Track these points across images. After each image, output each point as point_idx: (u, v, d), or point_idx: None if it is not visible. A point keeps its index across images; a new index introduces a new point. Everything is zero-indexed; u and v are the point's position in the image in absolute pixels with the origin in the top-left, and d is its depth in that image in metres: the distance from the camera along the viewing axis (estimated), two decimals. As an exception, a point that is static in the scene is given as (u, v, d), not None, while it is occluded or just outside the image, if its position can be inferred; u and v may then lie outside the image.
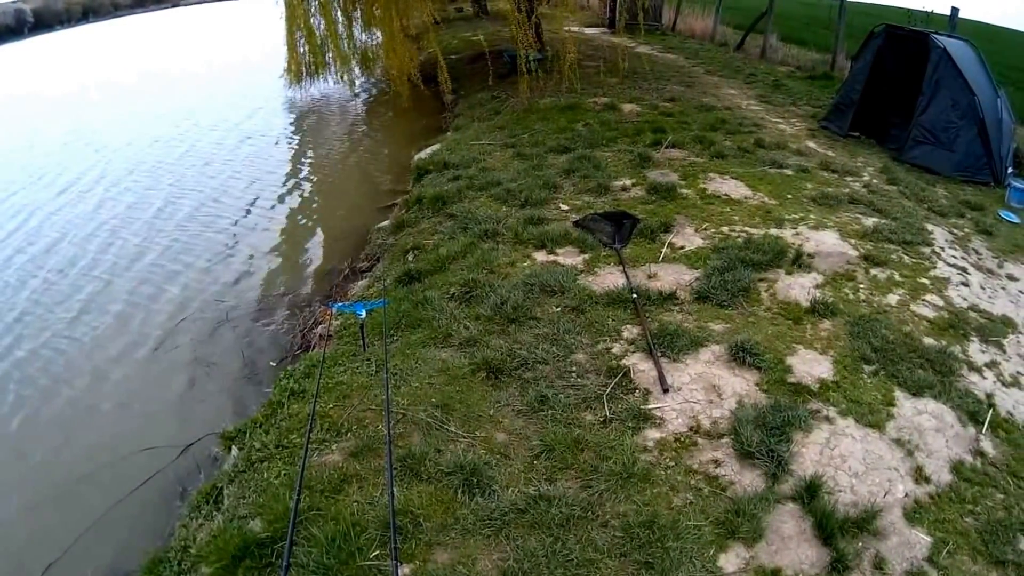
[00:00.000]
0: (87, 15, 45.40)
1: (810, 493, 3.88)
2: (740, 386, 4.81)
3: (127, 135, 15.77)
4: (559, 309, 5.80)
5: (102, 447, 5.71)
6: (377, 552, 3.52)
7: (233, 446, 4.85)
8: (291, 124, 16.42)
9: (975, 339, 5.55)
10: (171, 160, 13.74)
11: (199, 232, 9.96)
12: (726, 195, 8.07)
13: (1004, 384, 5.06)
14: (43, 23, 41.51)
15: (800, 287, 6.07)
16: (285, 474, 4.25)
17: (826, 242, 6.89)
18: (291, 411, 4.91)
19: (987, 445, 4.44)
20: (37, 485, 5.40)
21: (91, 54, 31.88)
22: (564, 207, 7.96)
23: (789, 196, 8.10)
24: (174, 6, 52.83)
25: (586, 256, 6.77)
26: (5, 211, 11.35)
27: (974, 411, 4.68)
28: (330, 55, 16.30)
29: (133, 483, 5.15)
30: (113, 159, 13.99)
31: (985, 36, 15.08)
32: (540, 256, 6.82)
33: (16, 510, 5.18)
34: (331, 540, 3.56)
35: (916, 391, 4.79)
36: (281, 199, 11.25)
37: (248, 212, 10.65)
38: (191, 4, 53.32)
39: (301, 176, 12.55)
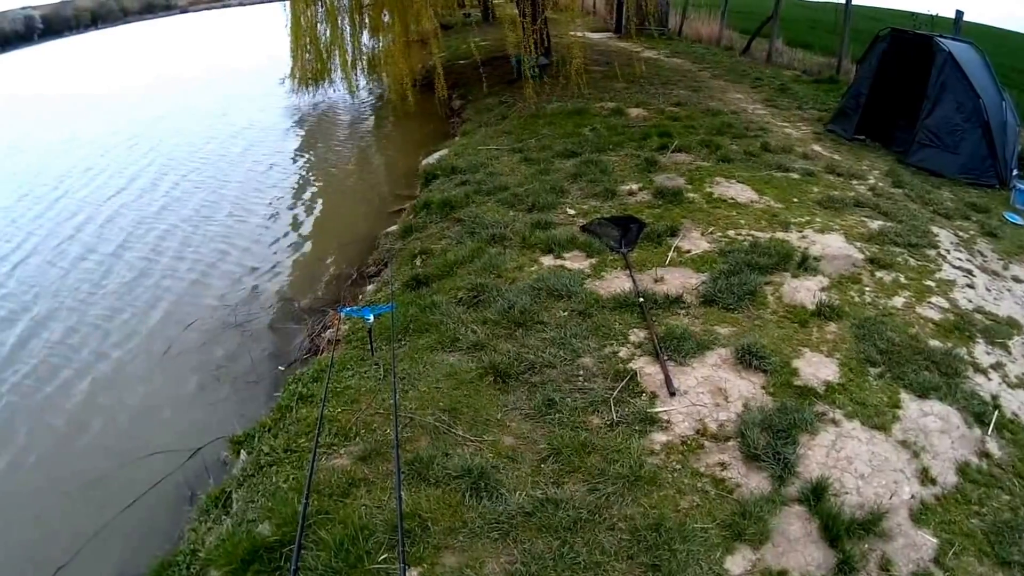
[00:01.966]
0: (96, 22, 45.74)
1: (816, 495, 3.90)
2: (746, 389, 4.82)
3: (166, 133, 16.32)
4: (566, 313, 5.82)
5: (111, 451, 5.75)
6: (385, 555, 3.54)
7: (242, 450, 4.89)
8: (297, 129, 16.51)
9: (980, 341, 5.54)
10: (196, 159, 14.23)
11: (205, 235, 10.06)
12: (732, 199, 8.08)
13: (1009, 385, 5.06)
14: (52, 29, 41.87)
15: (806, 290, 6.07)
16: (294, 478, 4.27)
17: (832, 245, 6.90)
18: (300, 415, 4.94)
19: (993, 446, 4.45)
20: (46, 489, 5.44)
21: (106, 59, 32.21)
22: (571, 212, 7.99)
23: (795, 199, 8.11)
24: (182, 12, 53.11)
25: (593, 260, 6.79)
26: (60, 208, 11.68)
27: (980, 412, 4.67)
28: (336, 61, 16.38)
29: (142, 487, 5.18)
30: (157, 159, 14.47)
31: (990, 39, 15.10)
32: (547, 260, 6.84)
33: (26, 514, 5.22)
34: (339, 544, 3.59)
35: (922, 393, 4.80)
36: (289, 204, 11.30)
37: (255, 218, 10.71)
38: (199, 10, 53.58)
39: (309, 181, 12.60)
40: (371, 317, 5.21)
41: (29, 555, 4.84)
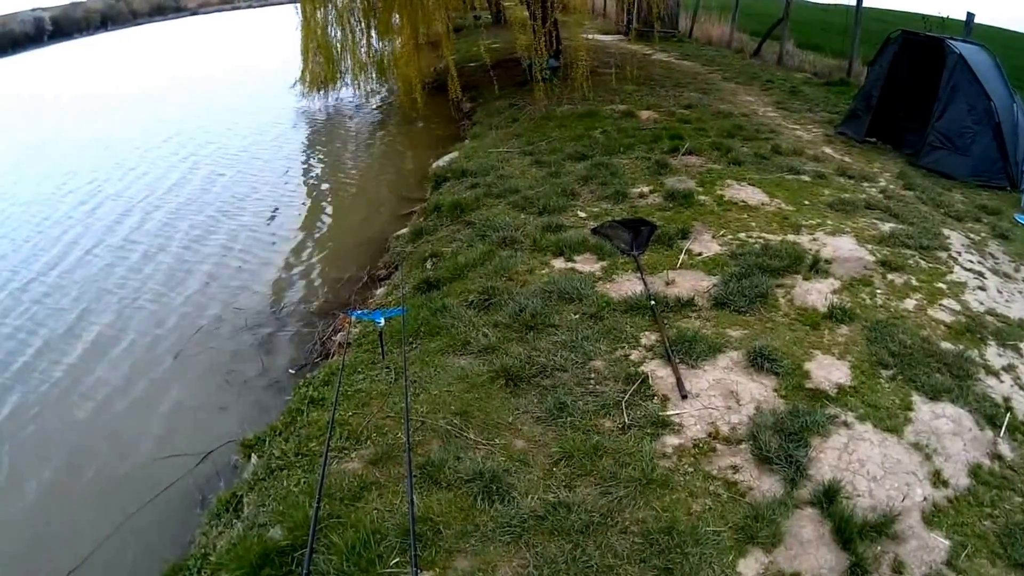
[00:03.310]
0: (105, 23, 45.92)
1: (828, 498, 3.88)
2: (758, 392, 4.81)
3: (189, 135, 16.65)
4: (577, 316, 5.82)
5: (121, 455, 5.78)
6: (397, 559, 3.54)
7: (253, 454, 4.90)
8: (307, 132, 16.59)
9: (992, 343, 5.52)
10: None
11: (214, 238, 10.12)
12: (743, 201, 8.06)
13: (1021, 387, 5.02)
14: (62, 31, 42.05)
15: (817, 293, 6.06)
16: (305, 482, 4.28)
17: (843, 248, 6.88)
18: (310, 419, 4.96)
19: (1005, 448, 4.43)
20: (56, 493, 5.47)
21: (120, 61, 32.39)
22: (582, 214, 7.98)
23: (806, 202, 8.09)
24: (192, 14, 53.27)
25: (604, 263, 6.77)
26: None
27: (992, 414, 4.65)
28: (347, 64, 16.42)
29: (153, 491, 5.20)
30: (182, 159, 14.75)
31: (1001, 41, 15.03)
32: (558, 263, 6.84)
33: (36, 518, 5.24)
34: (351, 548, 3.59)
35: (933, 395, 4.78)
36: (299, 206, 11.35)
37: (266, 221, 10.75)
38: (210, 12, 53.75)
39: (319, 184, 12.67)
40: (382, 320, 5.22)
41: (40, 560, 4.86)
